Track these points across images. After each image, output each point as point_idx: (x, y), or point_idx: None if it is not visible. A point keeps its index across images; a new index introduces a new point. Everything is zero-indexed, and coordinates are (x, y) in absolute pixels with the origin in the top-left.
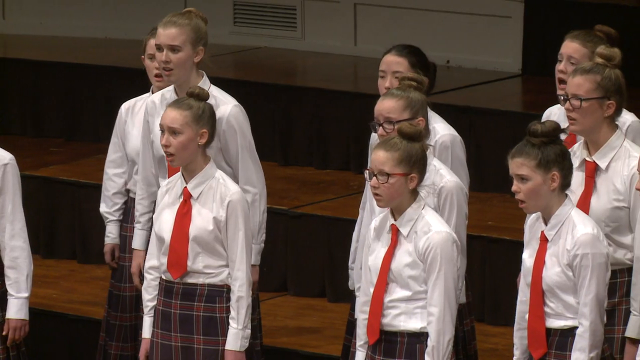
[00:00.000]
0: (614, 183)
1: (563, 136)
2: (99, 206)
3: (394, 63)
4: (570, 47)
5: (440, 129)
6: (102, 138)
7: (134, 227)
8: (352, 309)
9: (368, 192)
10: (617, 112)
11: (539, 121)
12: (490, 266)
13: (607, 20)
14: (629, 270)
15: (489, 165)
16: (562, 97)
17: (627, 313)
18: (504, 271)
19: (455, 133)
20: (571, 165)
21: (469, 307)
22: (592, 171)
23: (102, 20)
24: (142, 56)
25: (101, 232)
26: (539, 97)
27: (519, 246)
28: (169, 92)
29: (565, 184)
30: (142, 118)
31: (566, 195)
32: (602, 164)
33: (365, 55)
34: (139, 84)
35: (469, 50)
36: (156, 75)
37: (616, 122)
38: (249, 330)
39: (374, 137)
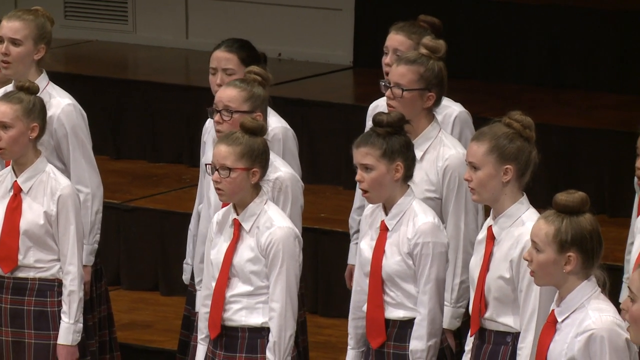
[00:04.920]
0: (427, 174)
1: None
2: None
3: (224, 60)
4: (396, 39)
5: (273, 122)
6: None
7: None
8: (188, 303)
9: (210, 185)
10: (436, 104)
11: (385, 112)
12: (322, 258)
13: (438, 13)
14: None
15: (321, 157)
16: (383, 84)
17: None
18: (336, 263)
19: (288, 126)
20: (414, 156)
21: (302, 299)
22: None
23: None
24: None
25: None
26: (371, 89)
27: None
28: (10, 88)
29: (409, 175)
30: None
31: (408, 185)
32: (417, 154)
33: (197, 48)
34: None
35: (300, 43)
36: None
37: (439, 113)
38: (81, 325)
39: (207, 130)
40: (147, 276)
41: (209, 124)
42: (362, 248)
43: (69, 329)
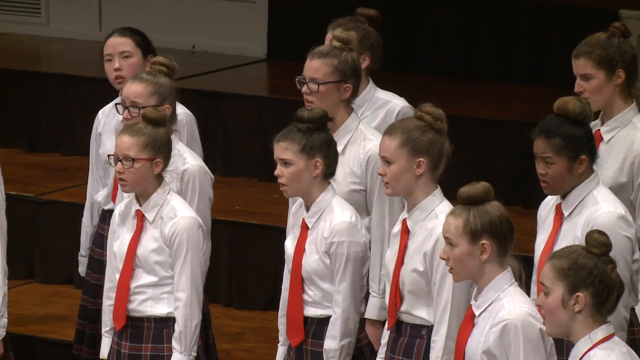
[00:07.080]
0: (351, 166)
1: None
2: None
3: (120, 44)
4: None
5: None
6: None
7: None
8: (85, 293)
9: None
10: (353, 96)
11: (307, 107)
12: (237, 251)
13: (352, 5)
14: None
15: (236, 149)
16: (298, 80)
17: (367, 294)
18: (251, 255)
19: (189, 111)
20: (336, 154)
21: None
22: None
23: None
24: None
25: None
26: (284, 81)
27: (266, 230)
28: None
29: (329, 172)
30: None
31: (329, 183)
32: (338, 148)
33: None
34: None
35: (214, 35)
36: None
37: (382, 108)
38: (6, 320)
39: (100, 122)
40: (61, 269)
41: (102, 114)
42: (287, 245)
43: None
